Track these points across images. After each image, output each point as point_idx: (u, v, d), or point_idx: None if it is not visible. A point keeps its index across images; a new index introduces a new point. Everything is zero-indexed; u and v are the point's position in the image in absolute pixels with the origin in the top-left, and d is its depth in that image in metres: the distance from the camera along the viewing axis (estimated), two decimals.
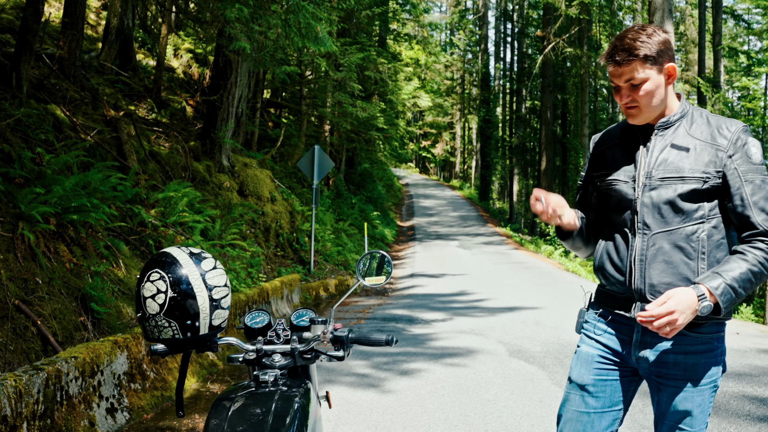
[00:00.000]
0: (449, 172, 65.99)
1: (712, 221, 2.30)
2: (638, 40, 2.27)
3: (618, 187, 2.41)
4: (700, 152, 2.30)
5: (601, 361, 2.47)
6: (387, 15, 26.69)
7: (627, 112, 2.36)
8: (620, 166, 2.44)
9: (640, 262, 2.32)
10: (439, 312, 10.57)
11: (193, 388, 6.00)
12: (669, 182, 2.30)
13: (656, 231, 2.31)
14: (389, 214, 30.86)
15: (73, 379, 4.26)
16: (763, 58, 26.12)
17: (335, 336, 2.18)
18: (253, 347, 2.19)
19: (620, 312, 2.42)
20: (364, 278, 2.40)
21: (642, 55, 2.26)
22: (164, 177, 10.61)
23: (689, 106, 2.43)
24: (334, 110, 19.34)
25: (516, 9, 46.06)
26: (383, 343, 2.16)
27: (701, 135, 2.33)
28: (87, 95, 10.96)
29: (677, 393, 2.34)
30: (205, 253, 2.12)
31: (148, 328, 2.03)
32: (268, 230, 13.05)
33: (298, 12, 7.63)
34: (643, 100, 2.30)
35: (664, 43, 2.30)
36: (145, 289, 2.01)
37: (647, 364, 2.38)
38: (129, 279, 7.10)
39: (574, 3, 23.19)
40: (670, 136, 2.36)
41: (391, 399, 5.62)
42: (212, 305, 2.04)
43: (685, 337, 2.32)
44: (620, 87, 2.33)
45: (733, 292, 2.17)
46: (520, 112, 44.37)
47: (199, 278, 2.03)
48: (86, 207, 6.68)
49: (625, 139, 2.48)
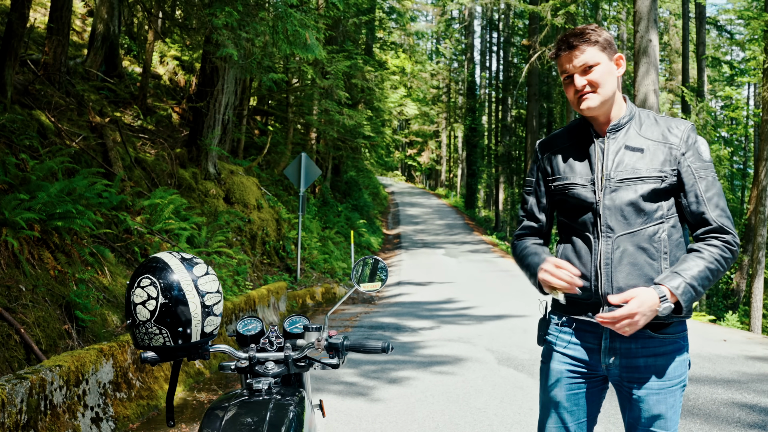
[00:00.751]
0: (435, 180, 66.10)
1: (670, 221, 2.32)
2: (588, 29, 2.35)
3: (576, 191, 2.39)
4: (654, 152, 2.33)
5: (571, 376, 2.44)
6: (373, 23, 26.74)
7: (581, 99, 2.34)
8: (575, 170, 2.41)
9: (606, 266, 2.30)
10: (427, 320, 10.53)
11: (180, 397, 5.93)
12: (628, 183, 2.31)
13: (620, 233, 2.30)
14: (375, 223, 30.82)
15: (57, 388, 4.18)
16: (746, 68, 26.39)
17: (330, 343, 2.13)
18: (246, 355, 2.15)
19: (586, 318, 2.37)
20: (359, 284, 2.36)
21: (593, 39, 2.32)
22: (150, 184, 10.52)
23: (635, 108, 2.45)
24: (320, 118, 19.31)
25: (502, 18, 46.33)
26: (379, 351, 2.12)
27: (652, 135, 2.36)
28: (72, 101, 10.86)
29: (650, 396, 2.33)
30: (196, 258, 2.07)
31: (138, 336, 1.98)
32: (254, 238, 12.97)
33: (286, 19, 7.60)
34: (597, 83, 2.31)
35: (610, 36, 2.38)
36: (135, 296, 1.96)
37: (618, 370, 2.36)
38: (114, 286, 7.01)
39: (560, 12, 23.33)
40: (623, 138, 2.37)
41: (380, 407, 5.57)
42: (204, 312, 2.00)
43: (653, 339, 2.32)
44: (573, 75, 2.34)
45: (693, 290, 2.19)
46: (506, 121, 44.55)
47: (191, 284, 1.98)
48: (71, 213, 6.59)
49: (575, 142, 2.46)
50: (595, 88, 2.32)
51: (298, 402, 1.98)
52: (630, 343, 2.32)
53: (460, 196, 50.01)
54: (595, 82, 2.32)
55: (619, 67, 2.38)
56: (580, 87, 2.33)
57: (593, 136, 2.41)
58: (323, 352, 2.14)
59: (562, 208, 2.47)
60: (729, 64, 28.06)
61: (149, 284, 1.95)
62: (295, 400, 1.97)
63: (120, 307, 6.82)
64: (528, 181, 2.60)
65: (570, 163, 2.43)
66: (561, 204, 2.47)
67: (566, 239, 2.45)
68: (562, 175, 2.44)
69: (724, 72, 30.53)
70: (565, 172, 2.43)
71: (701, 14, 25.49)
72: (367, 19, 23.71)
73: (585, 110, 2.36)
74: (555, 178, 2.47)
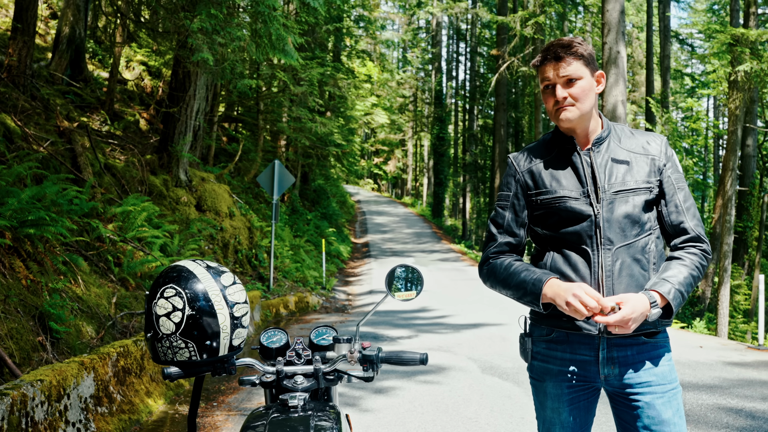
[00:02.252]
0: (401, 189, 66.15)
1: (655, 232, 2.38)
2: (575, 41, 2.35)
3: (568, 204, 2.34)
4: (638, 164, 2.37)
5: (569, 392, 2.41)
6: (342, 31, 26.64)
7: (560, 110, 2.32)
8: (562, 183, 2.37)
9: (608, 278, 2.29)
10: (404, 329, 10.43)
11: (160, 410, 5.72)
12: (622, 195, 2.33)
13: (619, 245, 2.31)
14: (343, 231, 30.66)
15: (38, 404, 3.97)
16: (707, 80, 26.93)
17: (364, 355, 2.01)
18: (273, 369, 2.01)
19: (581, 331, 2.32)
20: (394, 294, 2.23)
21: (579, 52, 2.32)
22: (120, 191, 10.24)
23: (609, 122, 2.48)
24: (291, 125, 19.12)
25: (469, 29, 46.64)
26: (417, 362, 2.00)
27: (633, 147, 2.40)
28: (38, 105, 10.54)
29: (655, 402, 2.31)
30: (222, 266, 1.94)
31: (161, 350, 1.83)
32: (226, 246, 12.74)
33: (269, 22, 7.45)
34: (578, 98, 2.31)
35: (593, 53, 2.39)
36: (158, 307, 1.81)
37: (617, 380, 2.34)
38: (88, 296, 6.77)
39: (529, 23, 23.52)
40: (607, 151, 2.39)
41: (370, 418, 5.44)
42: (233, 323, 1.86)
43: (646, 344, 2.35)
44: (555, 85, 2.32)
45: (681, 296, 2.23)
46: (473, 130, 44.78)
47: (219, 294, 1.84)
48: (44, 220, 6.35)
49: (556, 155, 2.43)
50: (575, 101, 2.32)
51: (336, 418, 1.86)
52: (626, 350, 2.33)
53: (427, 205, 50.08)
54: (576, 96, 2.31)
55: (599, 84, 2.38)
56: (560, 98, 2.31)
57: (576, 149, 2.39)
58: (356, 365, 2.02)
59: (547, 222, 2.40)
60: (691, 76, 28.63)
61: (174, 294, 1.81)
62: (333, 416, 1.85)
63: (95, 318, 6.59)
64: (503, 195, 2.50)
65: (555, 176, 2.39)
66: (546, 217, 2.40)
67: (554, 252, 2.39)
68: (549, 188, 2.39)
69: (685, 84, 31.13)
70: (552, 185, 2.39)
71: (666, 27, 25.96)
72: (335, 27, 23.60)
73: (563, 121, 2.34)
74: (540, 191, 2.41)
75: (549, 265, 2.38)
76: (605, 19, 16.97)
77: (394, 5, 54.80)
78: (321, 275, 17.44)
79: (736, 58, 17.04)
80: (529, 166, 2.45)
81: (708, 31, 21.12)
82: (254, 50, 8.09)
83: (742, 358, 8.63)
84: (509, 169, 2.51)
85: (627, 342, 2.31)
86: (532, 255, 2.51)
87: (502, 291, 2.44)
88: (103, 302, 6.96)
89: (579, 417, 2.43)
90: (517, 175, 2.47)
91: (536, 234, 2.46)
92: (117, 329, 6.82)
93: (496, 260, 2.45)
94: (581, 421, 2.44)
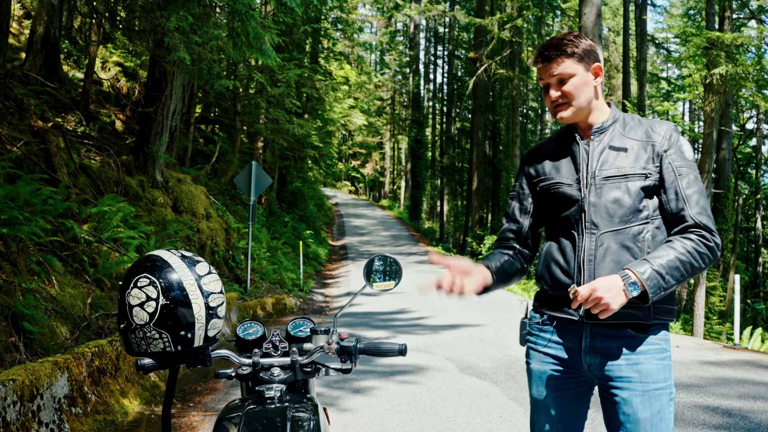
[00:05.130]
0: (378, 192, 66.14)
1: (655, 221, 2.32)
2: (566, 39, 2.36)
3: (562, 189, 2.40)
4: (638, 151, 2.34)
5: (554, 376, 2.42)
6: (320, 32, 26.59)
7: (556, 109, 2.39)
8: (561, 171, 2.44)
9: (589, 262, 2.29)
10: (382, 330, 10.41)
11: (136, 411, 5.65)
12: (613, 181, 2.32)
13: (604, 230, 2.30)
14: (321, 233, 30.58)
15: (11, 404, 3.91)
16: (683, 84, 27.23)
17: (342, 346, 1.99)
18: (249, 361, 1.99)
19: (566, 316, 2.35)
20: (372, 284, 2.22)
21: (569, 51, 2.33)
22: (95, 191, 10.12)
23: (620, 112, 2.48)
24: (268, 127, 19.03)
25: (447, 32, 46.76)
26: (396, 353, 1.99)
27: (636, 135, 2.38)
28: (12, 105, 10.40)
29: (633, 399, 2.27)
30: (197, 256, 1.91)
31: (134, 341, 1.80)
32: (203, 247, 12.65)
33: (246, 21, 7.40)
34: (572, 95, 2.34)
35: (590, 46, 2.38)
36: (131, 297, 1.78)
37: (599, 371, 2.33)
38: (63, 297, 6.68)
39: (507, 26, 23.64)
40: (607, 139, 2.40)
41: (348, 418, 5.42)
42: (208, 314, 1.84)
43: (633, 339, 2.29)
44: (549, 84, 2.38)
45: (661, 278, 2.14)
46: (450, 133, 44.87)
47: (194, 284, 1.82)
48: (18, 220, 6.26)
49: (561, 146, 2.50)
50: (570, 99, 2.35)
51: (314, 410, 1.84)
52: (611, 342, 2.30)
53: (404, 208, 50.10)
54: (569, 93, 2.34)
55: (598, 76, 2.40)
56: (554, 98, 2.37)
57: (577, 139, 2.43)
58: (333, 356, 2.00)
59: (548, 208, 2.48)
60: (667, 80, 28.97)
61: (148, 284, 1.78)
62: (309, 408, 1.83)
63: (69, 319, 6.50)
64: (513, 187, 2.64)
65: (555, 165, 2.46)
66: (546, 204, 2.48)
67: (552, 238, 2.46)
68: (548, 175, 2.46)
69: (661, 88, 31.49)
70: (551, 172, 2.46)
71: (642, 31, 26.22)
72: (314, 28, 23.56)
73: (559, 120, 2.41)
74: (541, 179, 2.49)
75: (545, 250, 2.45)
76: (582, 22, 17.11)
77: (371, 8, 54.81)
78: (298, 277, 17.37)
79: (712, 61, 17.25)
80: (536, 157, 2.54)
81: (684, 35, 21.39)
82: (231, 49, 8.03)
83: (718, 357, 8.72)
84: (521, 163, 2.63)
85: (612, 333, 2.28)
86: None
87: None
88: (78, 303, 6.87)
89: (565, 405, 2.41)
90: (525, 166, 2.59)
91: (542, 222, 2.55)
92: (92, 330, 6.73)
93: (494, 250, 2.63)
94: (568, 409, 2.41)
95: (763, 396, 6.35)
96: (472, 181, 32.89)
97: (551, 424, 2.44)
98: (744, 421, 5.45)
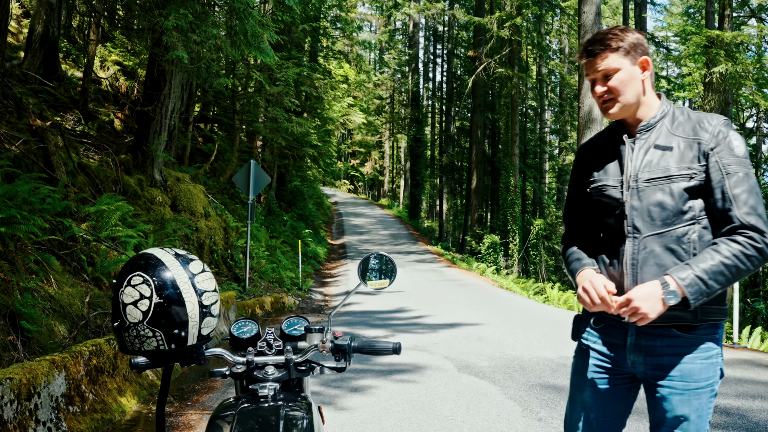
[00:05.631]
0: (378, 190, 66.13)
1: (702, 221, 2.26)
2: (610, 33, 2.33)
3: (608, 192, 2.38)
4: (683, 149, 2.28)
5: (598, 371, 2.43)
6: (319, 31, 26.58)
7: (603, 106, 2.36)
8: (608, 172, 2.40)
9: (632, 267, 2.28)
10: (380, 329, 10.41)
11: (134, 410, 5.65)
12: (656, 183, 2.27)
13: (647, 234, 2.27)
14: (320, 232, 30.58)
15: (8, 403, 3.91)
16: (683, 82, 27.21)
17: (336, 345, 1.99)
18: (243, 359, 1.99)
19: (613, 318, 2.37)
20: (366, 282, 2.22)
21: (614, 45, 2.30)
22: (94, 190, 10.12)
23: (670, 105, 2.41)
24: (267, 125, 19.02)
25: (446, 30, 46.74)
26: (390, 352, 1.99)
27: (683, 132, 2.31)
28: (10, 104, 10.39)
29: (673, 396, 2.28)
30: (190, 254, 1.91)
31: (128, 339, 1.80)
32: (202, 246, 12.64)
33: (245, 19, 7.40)
34: (617, 90, 2.31)
35: (637, 39, 2.34)
36: (125, 295, 1.78)
37: (643, 368, 2.34)
38: (61, 296, 6.68)
39: (506, 24, 23.63)
40: (653, 138, 2.34)
41: (345, 416, 5.42)
42: (202, 312, 1.83)
43: (679, 338, 2.28)
44: (595, 80, 2.35)
45: (703, 284, 2.12)
46: (450, 132, 44.87)
47: (188, 282, 1.82)
48: (15, 219, 6.25)
49: (609, 143, 2.45)
50: (616, 95, 2.32)
51: (307, 409, 1.84)
52: (655, 340, 2.30)
53: (404, 207, 50.10)
54: (614, 89, 2.31)
55: (645, 70, 2.35)
56: (600, 94, 2.34)
57: (624, 137, 2.39)
58: (328, 355, 2.00)
59: (597, 210, 2.46)
60: (666, 78, 28.99)
61: (141, 282, 1.78)
62: (304, 407, 1.83)
63: (67, 318, 6.50)
64: (571, 184, 2.61)
65: (604, 166, 2.44)
66: (595, 205, 2.46)
67: (602, 241, 2.44)
68: (596, 177, 2.44)
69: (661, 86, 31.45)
70: (599, 174, 2.43)
71: (642, 29, 26.22)
72: (313, 27, 23.55)
73: (608, 117, 2.38)
74: (591, 180, 2.47)
75: (594, 254, 2.45)
76: (581, 21, 17.11)
77: (371, 6, 54.77)
78: (297, 276, 17.37)
79: (712, 59, 17.25)
80: (587, 156, 2.51)
81: (684, 34, 21.37)
82: (229, 47, 8.02)
83: None
84: (575, 158, 2.59)
85: (657, 332, 2.28)
86: None
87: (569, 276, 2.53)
88: (76, 302, 6.87)
89: (604, 402, 2.41)
90: (578, 165, 2.55)
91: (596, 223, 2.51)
92: (90, 329, 6.73)
93: (564, 246, 2.59)
94: (605, 407, 2.41)
95: (762, 395, 6.35)
96: (471, 180, 32.90)
97: (585, 420, 2.45)
98: (742, 420, 5.45)
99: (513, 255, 28.25)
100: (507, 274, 25.82)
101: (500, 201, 31.88)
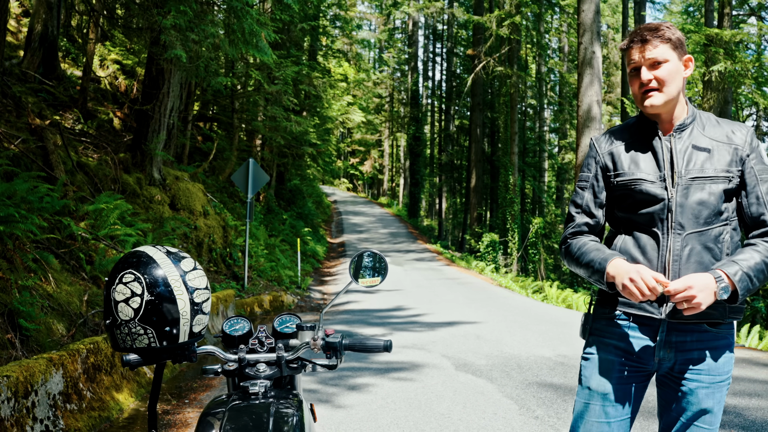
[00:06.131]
0: (377, 189, 66.15)
1: (732, 223, 2.36)
2: (663, 25, 2.36)
3: (644, 187, 2.38)
4: (720, 152, 2.35)
5: (621, 369, 2.43)
6: (318, 30, 26.58)
7: (646, 95, 2.35)
8: (640, 166, 2.41)
9: (675, 262, 2.31)
10: (378, 327, 10.43)
11: (131, 407, 5.67)
12: (699, 182, 2.32)
13: (690, 231, 2.31)
14: (319, 231, 30.60)
15: (5, 400, 3.92)
16: None
17: (327, 342, 2.01)
18: (235, 357, 2.01)
19: (644, 313, 2.36)
20: (358, 280, 2.24)
21: (666, 36, 2.33)
22: (93, 189, 10.14)
23: (696, 109, 2.46)
24: (266, 124, 19.04)
25: (445, 29, 46.75)
26: (381, 349, 2.01)
27: (717, 136, 2.38)
28: (9, 103, 10.41)
29: (700, 390, 2.35)
30: (182, 252, 1.93)
31: (120, 336, 1.81)
32: (200, 245, 12.66)
33: (243, 17, 7.41)
34: (664, 81, 2.32)
35: (683, 37, 2.38)
36: (116, 293, 1.80)
37: (671, 363, 2.37)
38: (59, 294, 6.70)
39: (505, 23, 23.64)
40: (689, 138, 2.39)
41: (342, 414, 5.44)
42: (193, 310, 1.85)
43: (707, 333, 2.35)
44: (640, 68, 2.35)
45: (749, 280, 2.21)
46: (449, 131, 44.89)
47: (179, 279, 1.83)
48: (14, 217, 6.27)
49: (639, 139, 2.46)
50: (661, 85, 2.33)
51: (298, 406, 1.86)
52: (686, 336, 2.35)
53: (403, 205, 50.12)
54: (661, 79, 2.32)
55: (687, 68, 2.39)
56: (645, 81, 2.33)
57: (658, 134, 2.41)
58: (319, 352, 2.02)
59: (623, 204, 2.45)
60: None
61: (133, 280, 1.80)
62: (294, 404, 1.85)
63: (65, 316, 6.52)
64: (583, 176, 2.56)
65: (634, 159, 2.43)
66: (622, 199, 2.45)
67: (626, 233, 2.44)
68: (627, 170, 2.42)
69: None
70: (630, 168, 2.42)
71: None
72: (311, 25, 23.55)
73: (648, 107, 2.36)
74: (618, 173, 2.45)
75: (619, 246, 2.42)
76: (580, 19, 17.12)
77: (370, 5, 54.78)
78: (296, 274, 17.39)
79: (711, 58, 17.24)
80: (610, 148, 2.49)
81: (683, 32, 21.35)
82: (228, 46, 8.03)
83: None
84: (590, 150, 2.56)
85: (688, 328, 2.33)
86: (606, 237, 2.55)
87: (576, 270, 2.48)
88: (75, 300, 6.89)
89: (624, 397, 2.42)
90: (598, 156, 2.52)
91: (612, 216, 2.51)
92: (88, 327, 6.75)
93: (572, 240, 2.52)
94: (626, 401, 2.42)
95: (759, 393, 6.37)
96: (470, 179, 32.92)
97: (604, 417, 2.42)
98: (739, 419, 5.47)
99: (512, 253, 28.26)
100: (506, 273, 25.84)
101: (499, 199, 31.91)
